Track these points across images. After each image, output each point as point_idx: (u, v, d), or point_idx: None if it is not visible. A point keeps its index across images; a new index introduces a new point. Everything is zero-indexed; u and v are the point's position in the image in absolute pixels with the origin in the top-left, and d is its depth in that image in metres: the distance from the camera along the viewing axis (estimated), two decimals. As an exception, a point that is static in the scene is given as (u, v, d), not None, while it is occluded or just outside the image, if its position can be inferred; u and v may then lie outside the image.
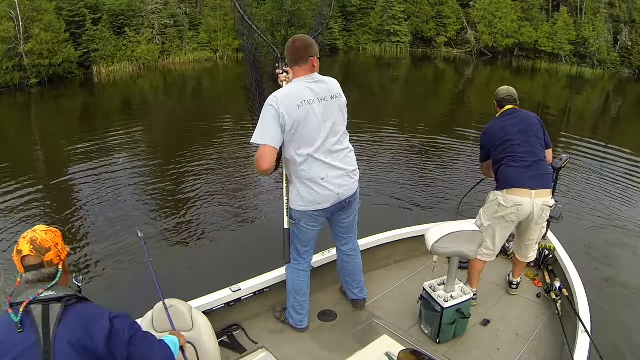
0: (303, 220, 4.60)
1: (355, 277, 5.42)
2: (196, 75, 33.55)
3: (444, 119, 22.02)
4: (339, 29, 47.80)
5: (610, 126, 23.38)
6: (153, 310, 3.86)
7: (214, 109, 22.50)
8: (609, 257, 8.85)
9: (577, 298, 5.25)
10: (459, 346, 4.97)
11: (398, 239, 6.46)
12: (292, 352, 4.82)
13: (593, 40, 45.91)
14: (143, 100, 24.88)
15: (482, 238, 5.17)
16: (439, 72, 43.14)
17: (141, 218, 9.96)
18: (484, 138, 5.59)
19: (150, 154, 14.53)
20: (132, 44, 33.26)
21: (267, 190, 11.46)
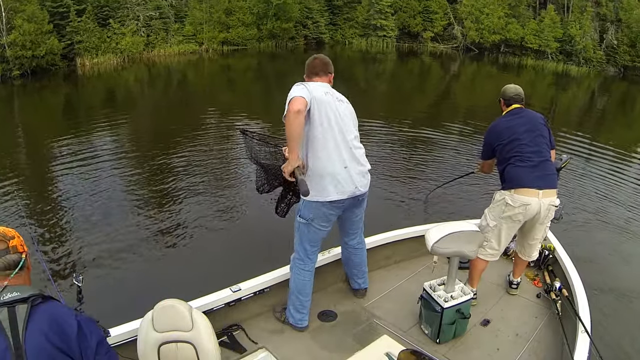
0: (316, 220, 4.72)
1: (361, 268, 5.62)
2: (181, 67, 33.31)
3: (429, 114, 22.08)
4: (325, 23, 47.81)
5: (596, 123, 23.55)
6: (153, 310, 3.75)
7: (199, 102, 22.33)
8: (609, 257, 8.86)
9: (577, 298, 5.26)
10: (459, 346, 4.98)
11: (398, 239, 6.47)
12: (292, 352, 4.82)
13: (579, 38, 46.29)
14: (128, 93, 24.65)
15: (482, 238, 5.18)
16: (425, 67, 43.27)
17: (134, 216, 9.86)
18: (489, 136, 5.59)
19: (136, 148, 14.38)
20: (117, 35, 32.82)
21: None
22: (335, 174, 4.57)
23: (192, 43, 37.90)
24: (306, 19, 45.33)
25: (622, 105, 32.41)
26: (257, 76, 32.16)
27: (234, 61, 36.63)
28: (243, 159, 13.04)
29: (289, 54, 41.92)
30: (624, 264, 8.63)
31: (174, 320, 3.69)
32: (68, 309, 2.65)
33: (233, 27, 39.99)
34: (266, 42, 42.85)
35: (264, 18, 41.88)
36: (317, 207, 4.66)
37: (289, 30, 43.11)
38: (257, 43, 42.05)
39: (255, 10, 41.45)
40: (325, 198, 4.59)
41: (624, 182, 13.49)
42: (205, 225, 9.58)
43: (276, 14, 41.79)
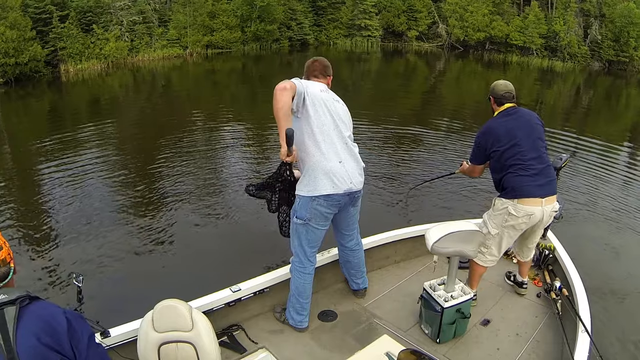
0: (313, 219, 4.72)
1: (359, 268, 5.63)
2: (166, 72, 33.07)
3: (416, 112, 22.17)
4: (310, 24, 47.81)
5: (582, 118, 23.63)
6: (153, 311, 3.79)
7: (185, 106, 22.22)
8: (609, 256, 8.86)
9: (577, 298, 5.26)
10: (459, 346, 4.98)
11: (398, 239, 6.46)
12: (292, 352, 4.83)
13: (564, 34, 46.78)
14: (113, 99, 24.36)
15: (482, 238, 5.14)
16: (410, 65, 43.31)
17: (133, 218, 9.88)
18: (484, 139, 5.27)
19: (125, 153, 14.30)
20: (101, 41, 32.53)
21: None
22: (330, 169, 4.59)
23: (176, 47, 37.66)
24: (290, 21, 45.26)
25: (608, 99, 32.65)
26: (242, 79, 32.06)
27: (219, 64, 36.45)
28: (233, 161, 13.34)
29: (274, 56, 41.86)
30: (624, 264, 8.61)
31: (174, 320, 3.73)
32: (56, 307, 2.64)
33: (217, 31, 39.82)
34: (250, 45, 42.72)
35: (248, 20, 41.77)
36: (313, 205, 4.66)
37: (273, 32, 42.98)
38: (241, 46, 41.92)
39: (239, 13, 41.36)
40: (321, 192, 4.58)
41: (617, 176, 13.61)
42: (205, 226, 9.62)
43: (260, 16, 41.65)
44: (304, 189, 4.68)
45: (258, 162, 13.62)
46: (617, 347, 6.28)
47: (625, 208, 11.00)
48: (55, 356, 2.46)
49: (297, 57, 42.22)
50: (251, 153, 14.63)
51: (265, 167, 12.92)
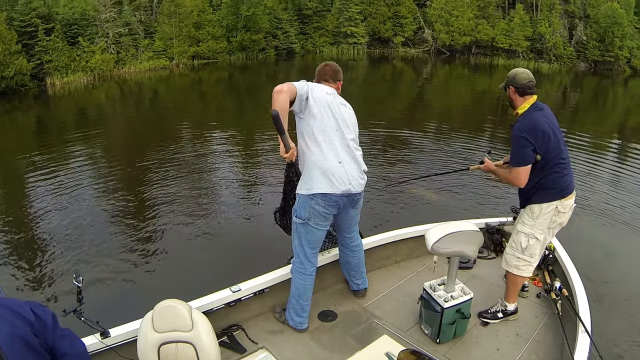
0: (312, 219, 4.73)
1: (359, 269, 5.64)
2: (152, 83, 32.94)
3: (404, 117, 22.27)
4: (296, 33, 47.81)
5: (570, 118, 23.74)
6: (153, 311, 3.81)
7: (172, 117, 22.15)
8: (609, 256, 8.86)
9: (577, 298, 5.24)
10: (459, 346, 4.98)
11: (398, 239, 6.46)
12: (292, 353, 4.84)
13: (549, 36, 47.29)
14: (100, 111, 24.20)
15: (482, 238, 5.06)
16: (397, 71, 43.58)
17: (133, 219, 10.00)
18: (531, 135, 4.68)
19: (116, 162, 14.26)
20: (87, 54, 32.33)
21: (262, 188, 11.73)
22: (329, 168, 4.62)
23: (162, 58, 37.47)
24: (276, 30, 45.24)
25: (595, 99, 32.90)
26: (229, 89, 32.06)
27: (205, 75, 36.41)
28: (226, 167, 13.53)
29: (260, 66, 41.81)
30: (624, 264, 8.64)
31: (174, 320, 3.76)
32: (16, 299, 2.71)
33: (203, 41, 39.72)
34: (237, 55, 42.66)
35: (234, 30, 41.75)
36: (311, 205, 4.67)
37: (259, 41, 42.91)
38: (227, 56, 41.85)
39: (224, 23, 41.35)
40: (317, 190, 4.60)
41: (615, 176, 13.77)
42: (205, 227, 9.66)
43: (246, 26, 41.63)
44: (302, 187, 4.71)
45: (248, 167, 13.73)
46: (617, 347, 6.30)
47: (625, 208, 11.08)
48: (34, 340, 2.54)
49: (283, 66, 42.38)
50: (241, 159, 14.70)
51: (255, 172, 13.10)
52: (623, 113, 28.71)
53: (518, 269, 5.17)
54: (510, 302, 5.37)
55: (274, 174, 12.64)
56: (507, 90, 5.06)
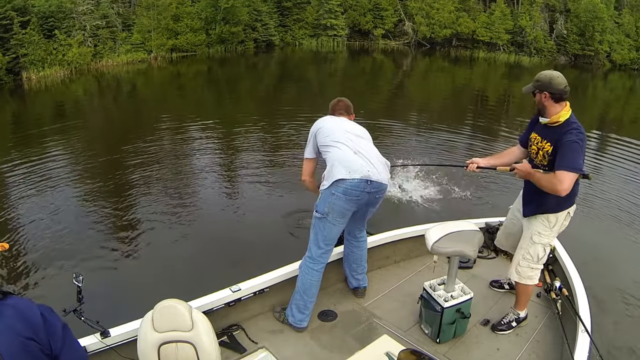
0: (331, 214, 4.82)
1: (361, 263, 5.72)
2: (130, 77, 32.60)
3: (384, 109, 22.25)
4: (275, 25, 47.48)
5: None
6: (153, 311, 3.83)
7: (151, 111, 22.03)
8: (609, 256, 8.89)
9: (577, 298, 5.29)
10: (459, 346, 5.02)
11: (398, 239, 6.50)
12: (292, 352, 4.88)
13: (530, 29, 47.86)
14: (77, 106, 23.85)
15: (481, 237, 5.07)
16: (377, 64, 43.61)
17: (132, 218, 9.97)
18: (585, 144, 4.50)
19: (95, 159, 14.07)
20: (63, 47, 31.70)
21: (260, 187, 11.63)
22: (345, 158, 4.82)
23: (140, 51, 36.90)
24: (255, 22, 44.91)
25: (574, 91, 32.85)
26: (208, 82, 31.82)
27: (184, 68, 36.13)
28: (216, 161, 13.55)
29: (239, 58, 41.55)
30: (624, 263, 8.68)
31: (174, 320, 3.78)
32: (28, 300, 2.63)
33: (181, 34, 39.26)
34: (215, 47, 42.21)
35: (213, 23, 41.36)
36: (332, 200, 4.77)
37: (238, 34, 42.54)
38: (206, 48, 41.39)
39: (203, 15, 40.89)
40: (335, 177, 4.72)
41: (613, 174, 13.91)
42: (205, 227, 9.69)
43: (225, 18, 41.23)
44: (325, 183, 4.83)
45: (234, 161, 13.76)
46: (617, 347, 6.34)
47: (625, 208, 11.19)
48: (34, 346, 2.45)
49: (262, 58, 42.18)
50: (223, 153, 14.68)
51: (239, 164, 13.23)
52: (603, 106, 28.97)
53: (531, 279, 5.13)
54: (522, 310, 5.37)
55: (262, 169, 12.76)
56: (539, 95, 4.72)
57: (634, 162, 15.26)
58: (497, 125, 19.96)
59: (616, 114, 26.52)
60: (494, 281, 6.18)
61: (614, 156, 15.78)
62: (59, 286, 7.38)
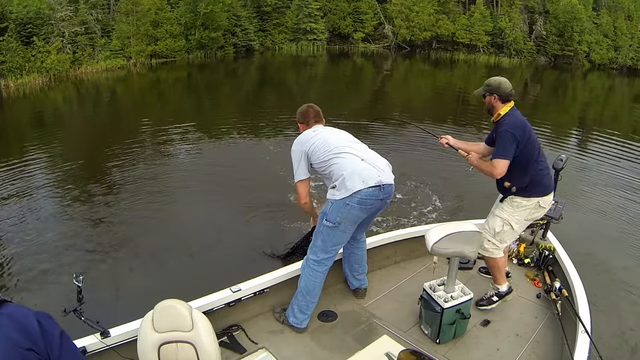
0: (343, 222, 4.83)
1: (362, 263, 5.76)
2: (110, 84, 32.14)
3: (364, 113, 22.15)
4: (255, 30, 47.31)
5: (531, 111, 24.11)
6: (153, 311, 3.86)
7: (131, 117, 21.82)
8: (609, 257, 8.96)
9: (577, 298, 5.32)
10: (459, 346, 5.05)
11: (398, 240, 6.52)
12: (292, 353, 4.89)
13: (509, 31, 48.52)
14: (57, 113, 23.57)
15: (481, 238, 5.19)
16: (357, 67, 43.65)
17: (131, 218, 10.00)
18: (519, 132, 5.04)
19: (80, 162, 13.94)
20: (42, 54, 31.28)
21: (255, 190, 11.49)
22: (355, 168, 4.79)
23: (119, 58, 36.43)
24: (235, 27, 44.74)
25: (555, 92, 33.43)
26: (188, 88, 31.60)
27: (164, 74, 35.82)
28: (201, 167, 13.30)
29: (219, 64, 41.29)
30: (624, 264, 8.76)
31: (174, 320, 3.81)
32: (24, 308, 2.57)
33: (161, 40, 38.93)
34: (195, 53, 41.92)
35: (192, 28, 41.10)
36: (346, 210, 4.76)
37: (218, 39, 42.33)
38: (185, 54, 41.04)
39: (182, 21, 40.62)
40: (353, 189, 4.69)
41: (612, 173, 14.16)
42: (205, 226, 9.68)
43: (204, 24, 40.98)
44: (336, 194, 4.78)
45: (217, 164, 13.69)
46: (617, 348, 6.40)
47: (625, 207, 11.30)
48: (33, 356, 2.40)
49: (242, 63, 41.97)
50: (207, 156, 14.62)
51: (222, 167, 13.25)
52: (582, 106, 29.22)
53: (487, 251, 5.44)
54: (500, 284, 5.57)
55: (249, 171, 12.78)
56: (489, 98, 5.36)
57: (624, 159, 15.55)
58: (477, 124, 20.13)
59: (596, 113, 26.69)
60: (482, 267, 6.40)
61: (607, 155, 16.12)
62: (58, 286, 7.39)
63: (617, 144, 17.64)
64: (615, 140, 18.17)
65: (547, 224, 6.63)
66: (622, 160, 15.59)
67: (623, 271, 8.45)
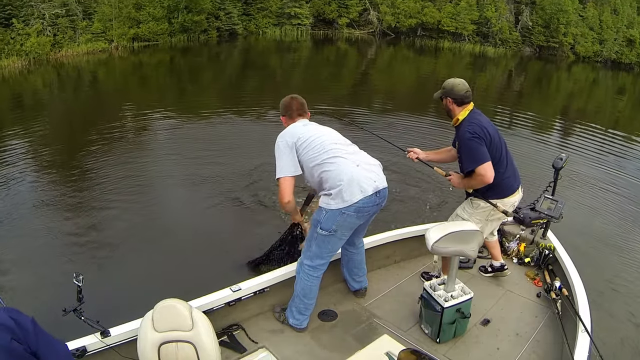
0: (340, 230, 4.78)
1: (362, 266, 5.73)
2: (91, 67, 31.70)
3: (348, 99, 22.31)
4: (238, 14, 46.94)
5: (515, 100, 24.39)
6: (153, 310, 3.91)
7: (114, 101, 21.46)
8: (609, 256, 8.99)
9: (577, 298, 5.35)
10: (459, 346, 5.06)
11: (398, 239, 6.52)
12: (292, 352, 4.90)
13: (495, 20, 48.82)
14: (37, 97, 23.11)
15: (482, 237, 5.18)
16: (341, 53, 43.68)
17: (132, 218, 9.75)
18: (483, 134, 5.04)
19: (62, 153, 13.67)
20: (21, 36, 30.76)
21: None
22: (352, 176, 4.67)
23: (101, 41, 35.90)
24: (218, 11, 44.34)
25: (539, 82, 33.59)
26: (171, 71, 31.42)
27: (146, 57, 35.47)
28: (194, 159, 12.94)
29: (202, 47, 41.01)
30: (624, 263, 8.76)
31: (174, 320, 3.86)
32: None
33: (143, 22, 38.39)
34: (178, 37, 41.43)
35: (175, 11, 40.67)
36: (343, 218, 4.70)
37: (201, 22, 41.86)
38: (168, 38, 40.55)
39: (165, 4, 40.13)
40: (352, 201, 4.62)
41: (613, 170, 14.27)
42: (205, 226, 9.58)
43: (187, 7, 40.52)
44: (331, 203, 4.68)
45: (204, 155, 13.30)
46: (617, 347, 6.40)
47: (625, 208, 11.30)
48: (16, 345, 2.49)
49: (225, 47, 41.73)
50: (190, 146, 14.20)
51: (207, 158, 12.89)
52: (566, 97, 29.36)
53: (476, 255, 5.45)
54: (495, 260, 6.00)
55: (237, 164, 12.49)
56: (445, 100, 5.35)
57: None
58: None
59: (580, 105, 26.88)
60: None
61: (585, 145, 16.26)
62: (58, 286, 7.15)
63: (616, 141, 17.70)
64: (611, 137, 18.25)
65: (547, 223, 6.63)
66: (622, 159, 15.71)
67: (623, 270, 8.48)
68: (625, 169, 14.63)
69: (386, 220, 8.55)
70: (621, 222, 10.48)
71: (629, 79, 44.33)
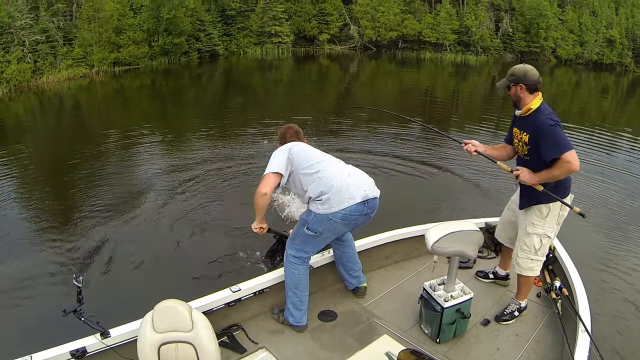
0: (325, 232, 4.87)
1: (355, 259, 5.75)
2: (73, 93, 31.51)
3: (331, 111, 22.34)
4: (219, 34, 46.98)
5: (499, 108, 24.44)
6: (153, 311, 3.91)
7: (96, 126, 21.49)
8: (609, 256, 8.99)
9: (577, 297, 5.34)
10: (459, 346, 5.05)
11: (398, 239, 6.55)
12: (292, 352, 4.91)
13: (475, 29, 49.78)
14: (19, 125, 23.02)
15: (482, 237, 5.13)
16: (323, 69, 43.86)
17: (132, 218, 10.00)
18: (560, 123, 4.71)
19: (47, 177, 13.60)
20: (1, 64, 30.68)
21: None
22: (342, 183, 4.79)
23: (82, 66, 35.79)
24: (199, 32, 44.35)
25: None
26: (152, 95, 31.26)
27: (127, 82, 35.23)
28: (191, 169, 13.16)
29: (183, 70, 40.79)
30: (624, 263, 8.75)
31: (174, 320, 3.86)
32: None
33: (124, 46, 38.30)
34: (159, 60, 41.41)
35: (155, 34, 40.62)
36: (330, 223, 4.79)
37: (182, 45, 41.89)
38: (149, 61, 40.51)
39: (145, 27, 40.11)
40: (340, 207, 4.71)
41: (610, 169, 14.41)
42: (205, 226, 9.68)
43: (167, 29, 40.56)
44: (320, 208, 4.78)
45: (188, 168, 13.41)
46: (617, 347, 6.39)
47: (625, 206, 11.38)
48: None
49: (207, 68, 41.67)
50: (173, 162, 14.28)
51: (193, 169, 13.07)
52: (550, 101, 29.25)
53: (532, 271, 5.27)
54: (522, 300, 5.51)
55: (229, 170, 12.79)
56: (514, 88, 4.96)
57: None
58: (445, 124, 20.30)
59: (563, 109, 27.16)
60: (479, 271, 6.34)
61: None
62: (58, 286, 7.39)
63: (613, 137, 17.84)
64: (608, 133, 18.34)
65: None
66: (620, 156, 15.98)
67: (623, 270, 8.46)
68: (617, 163, 14.96)
69: (386, 221, 8.52)
70: (621, 222, 10.48)
71: (611, 79, 45.24)
